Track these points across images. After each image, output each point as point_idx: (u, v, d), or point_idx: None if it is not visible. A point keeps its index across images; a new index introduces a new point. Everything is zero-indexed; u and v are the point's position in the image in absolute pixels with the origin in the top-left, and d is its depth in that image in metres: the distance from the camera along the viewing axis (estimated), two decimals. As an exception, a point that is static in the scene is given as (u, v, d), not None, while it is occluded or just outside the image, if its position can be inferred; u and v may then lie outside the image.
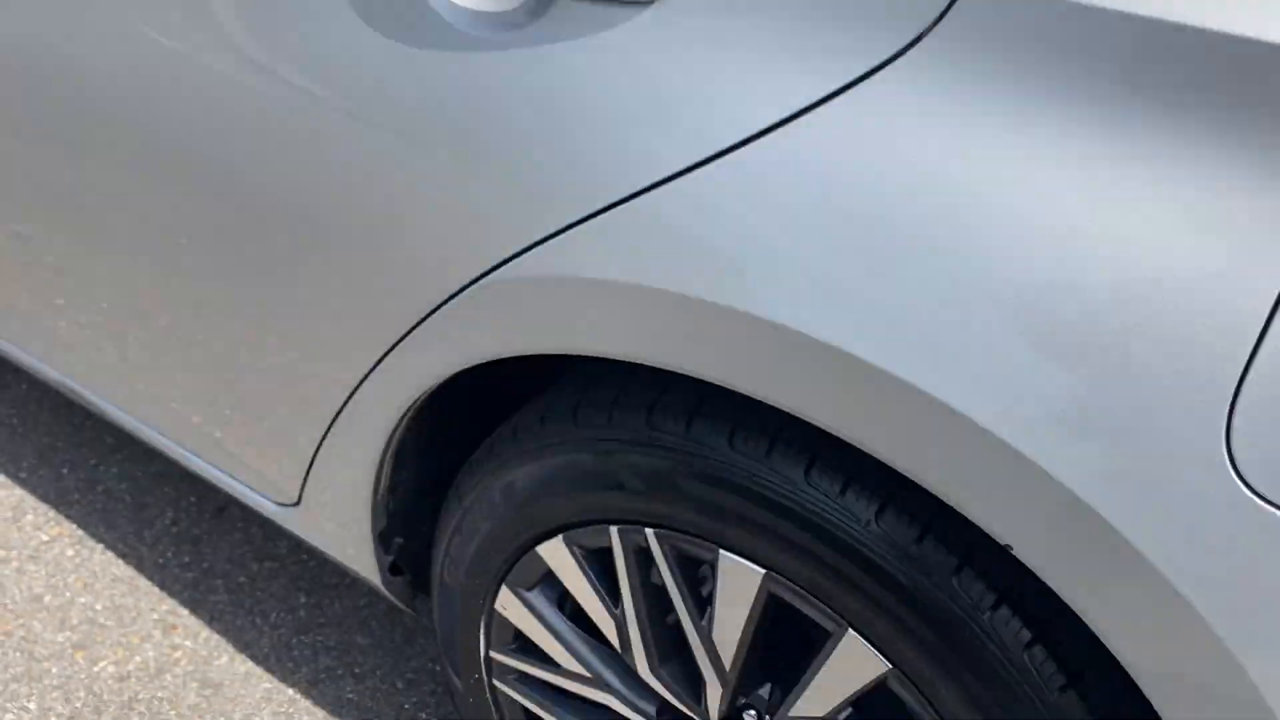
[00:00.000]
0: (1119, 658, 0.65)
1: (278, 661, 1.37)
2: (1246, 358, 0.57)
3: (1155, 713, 0.66)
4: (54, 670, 1.33)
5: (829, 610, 0.78)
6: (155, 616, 1.40)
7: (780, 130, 0.69)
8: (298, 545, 1.51)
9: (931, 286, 0.65)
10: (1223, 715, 0.64)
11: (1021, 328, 0.63)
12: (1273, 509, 0.58)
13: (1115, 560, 0.62)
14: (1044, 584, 0.67)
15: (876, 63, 0.66)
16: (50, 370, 1.37)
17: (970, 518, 0.67)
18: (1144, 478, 0.61)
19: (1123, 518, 0.61)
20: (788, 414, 0.72)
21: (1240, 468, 0.58)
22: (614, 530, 0.88)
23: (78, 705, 1.29)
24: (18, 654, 1.34)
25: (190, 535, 1.52)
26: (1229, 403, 0.58)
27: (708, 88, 0.72)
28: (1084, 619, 0.66)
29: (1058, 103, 0.62)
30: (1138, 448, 0.61)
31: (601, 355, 0.79)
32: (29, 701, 1.29)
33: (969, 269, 0.64)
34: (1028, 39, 0.63)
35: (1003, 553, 0.68)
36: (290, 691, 1.33)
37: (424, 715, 1.33)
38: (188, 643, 1.38)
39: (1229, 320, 0.58)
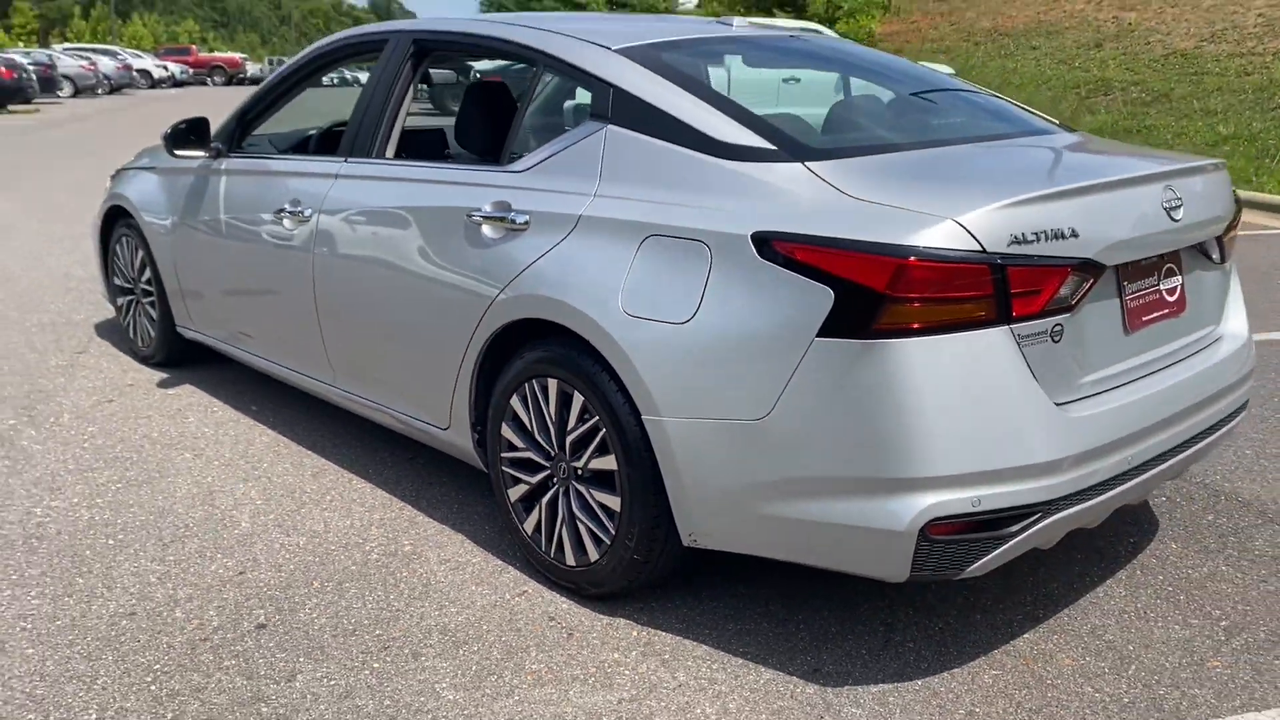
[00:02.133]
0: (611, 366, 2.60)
1: (431, 512, 3.36)
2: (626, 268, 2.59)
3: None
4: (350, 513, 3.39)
5: (571, 388, 2.75)
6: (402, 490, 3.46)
7: (560, 245, 2.78)
8: (450, 480, 3.53)
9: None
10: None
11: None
12: (636, 319, 2.55)
13: (610, 343, 2.59)
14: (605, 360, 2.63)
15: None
16: (332, 391, 3.57)
17: (589, 340, 2.66)
18: (613, 329, 2.60)
19: (610, 325, 2.59)
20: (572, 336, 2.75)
21: (625, 305, 2.57)
22: (526, 384, 2.89)
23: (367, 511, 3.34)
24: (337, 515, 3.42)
25: (411, 471, 3.59)
26: (619, 294, 2.58)
27: (532, 252, 2.83)
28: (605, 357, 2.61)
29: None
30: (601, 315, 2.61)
31: (523, 317, 2.84)
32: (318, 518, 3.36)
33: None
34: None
35: (603, 362, 2.64)
36: (414, 507, 3.32)
37: (491, 513, 3.26)
38: (394, 509, 3.41)
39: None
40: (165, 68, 46.24)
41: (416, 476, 3.69)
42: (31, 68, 28.30)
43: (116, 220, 4.94)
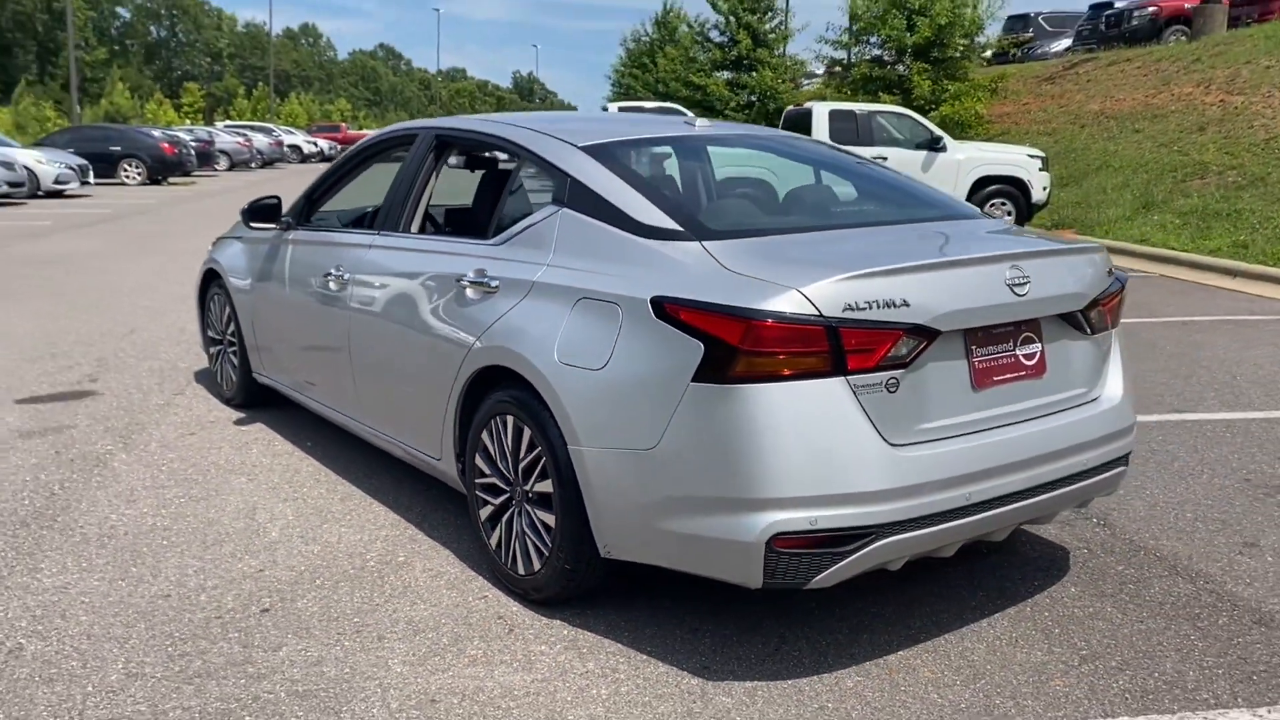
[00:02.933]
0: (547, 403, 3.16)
1: (431, 532, 3.95)
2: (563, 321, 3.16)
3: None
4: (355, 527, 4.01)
5: (523, 423, 3.31)
6: (394, 510, 4.06)
7: (519, 305, 3.37)
8: (454, 506, 4.12)
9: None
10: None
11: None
12: (569, 366, 3.11)
13: (543, 380, 3.16)
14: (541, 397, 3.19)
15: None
16: (346, 422, 4.20)
17: (532, 382, 3.23)
18: (544, 371, 3.17)
19: (547, 370, 3.16)
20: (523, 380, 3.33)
21: (559, 355, 3.13)
22: (492, 420, 3.47)
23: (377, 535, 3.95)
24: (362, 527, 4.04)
25: (406, 497, 4.19)
26: (556, 345, 3.14)
27: (498, 310, 3.42)
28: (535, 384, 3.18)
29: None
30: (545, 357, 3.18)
31: (490, 364, 3.43)
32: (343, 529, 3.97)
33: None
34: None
35: (542, 401, 3.21)
36: (416, 528, 3.90)
37: (441, 531, 3.82)
38: (390, 524, 4.01)
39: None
40: (315, 143, 49.41)
41: (426, 502, 4.29)
42: (192, 144, 30.81)
43: (211, 281, 5.77)
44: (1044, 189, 14.60)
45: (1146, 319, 8.76)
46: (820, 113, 14.48)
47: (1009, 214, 14.57)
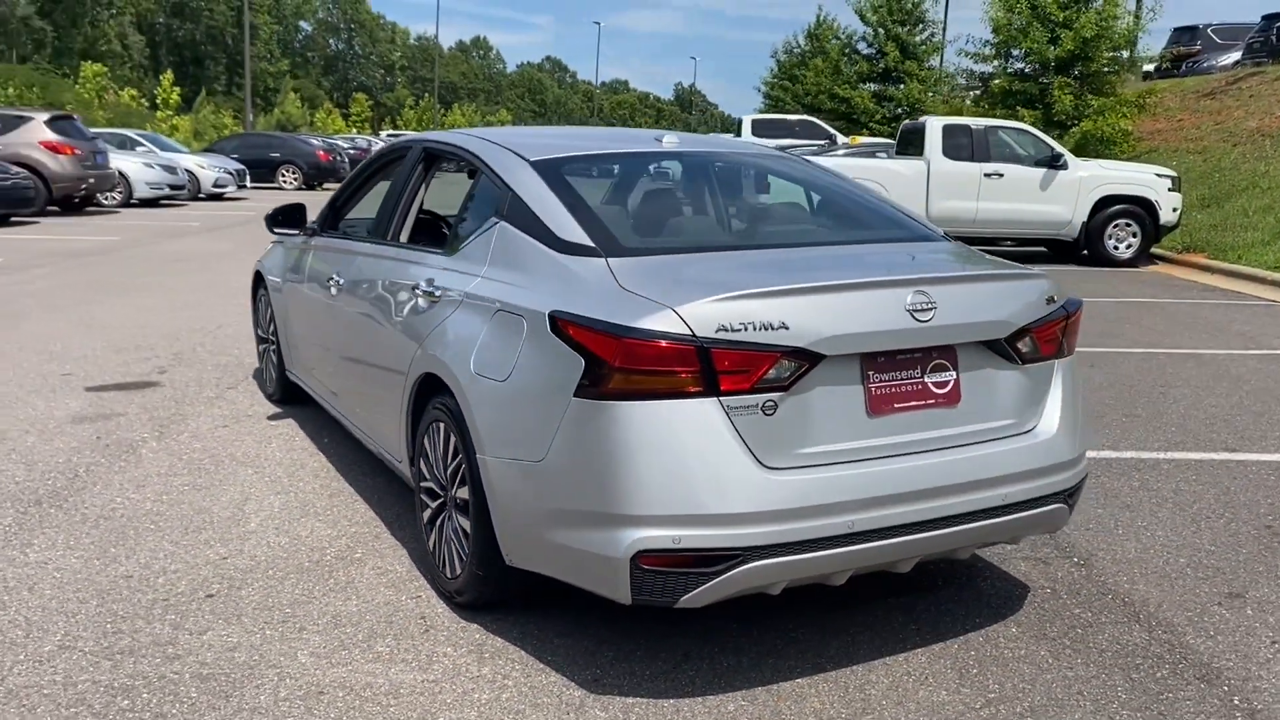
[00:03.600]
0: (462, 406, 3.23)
1: (397, 532, 4.07)
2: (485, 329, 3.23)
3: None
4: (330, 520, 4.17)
5: (450, 430, 3.40)
6: (370, 505, 4.20)
7: (452, 315, 3.47)
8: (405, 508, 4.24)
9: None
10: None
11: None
12: (483, 379, 3.18)
13: (460, 387, 3.24)
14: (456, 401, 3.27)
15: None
16: (344, 421, 4.35)
17: (453, 391, 3.32)
18: (463, 378, 3.24)
19: (464, 380, 3.24)
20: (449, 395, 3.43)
21: (474, 365, 3.21)
22: (431, 426, 3.57)
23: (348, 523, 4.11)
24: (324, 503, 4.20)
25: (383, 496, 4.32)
26: (473, 356, 3.22)
27: (437, 320, 3.52)
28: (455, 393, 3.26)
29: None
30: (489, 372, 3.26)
31: (426, 371, 3.54)
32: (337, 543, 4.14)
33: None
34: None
35: (460, 409, 3.29)
36: (387, 527, 4.02)
37: (408, 532, 3.93)
38: (364, 519, 4.14)
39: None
40: (469, 153, 51.03)
41: (405, 504, 4.42)
42: (350, 151, 32.32)
43: (260, 283, 6.09)
44: (1174, 210, 13.83)
45: (1248, 350, 8.23)
46: (934, 127, 14.11)
47: (1134, 235, 13.87)
